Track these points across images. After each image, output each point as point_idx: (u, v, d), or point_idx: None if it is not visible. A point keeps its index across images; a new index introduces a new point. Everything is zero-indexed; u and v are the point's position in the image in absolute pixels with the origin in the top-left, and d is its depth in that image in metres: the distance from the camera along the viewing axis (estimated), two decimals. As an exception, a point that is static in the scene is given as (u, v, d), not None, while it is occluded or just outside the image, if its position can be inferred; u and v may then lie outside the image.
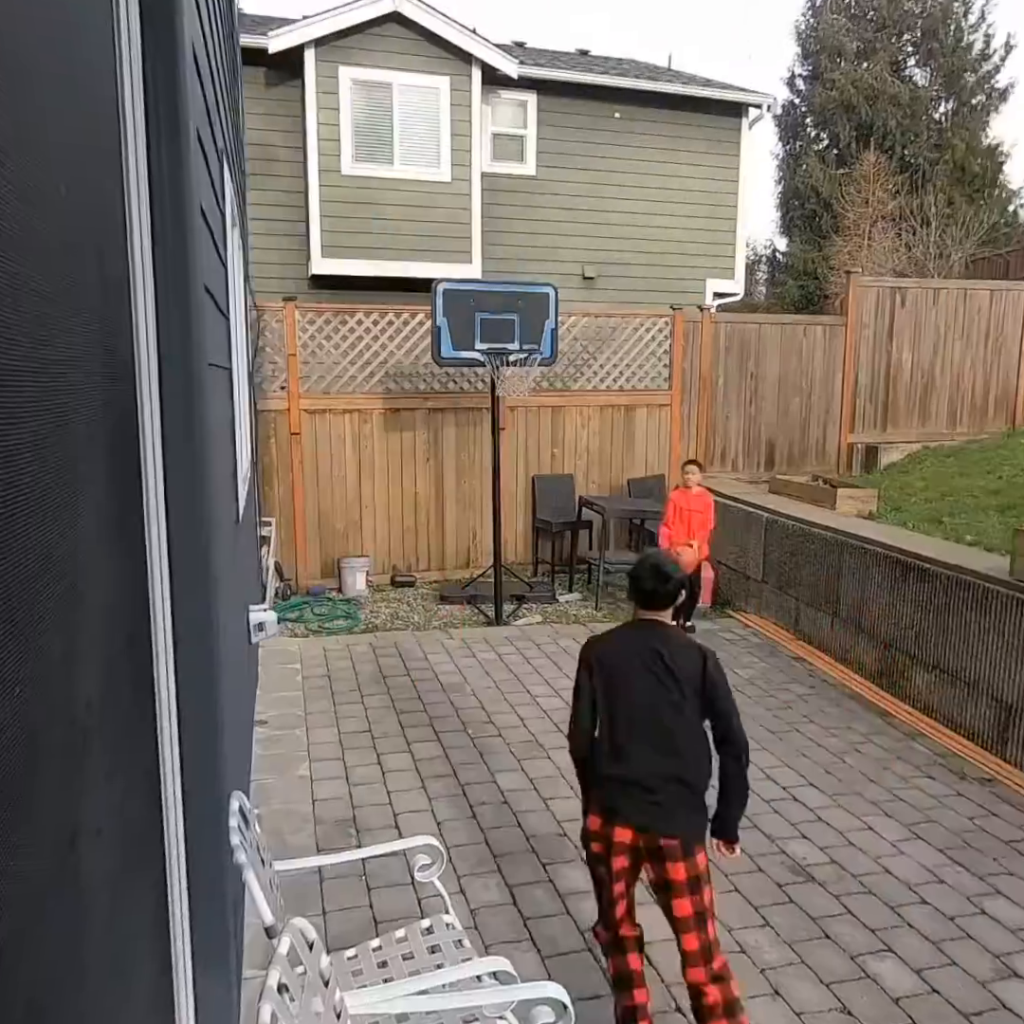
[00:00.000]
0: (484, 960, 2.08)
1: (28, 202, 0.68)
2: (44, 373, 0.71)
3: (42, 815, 0.64)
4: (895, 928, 3.36)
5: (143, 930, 1.03)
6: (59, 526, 0.74)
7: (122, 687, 0.99)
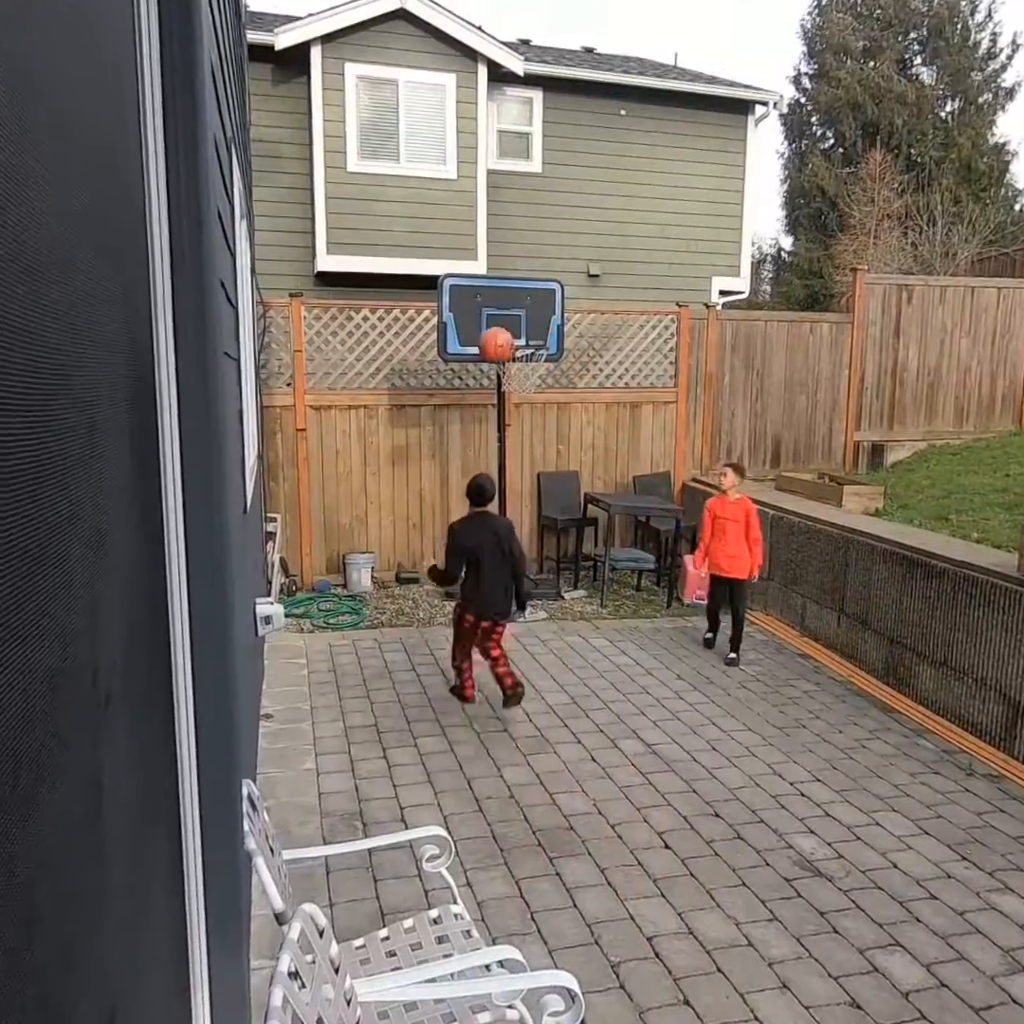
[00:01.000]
0: (493, 949, 2.08)
1: (55, 190, 0.68)
2: (70, 363, 0.71)
3: (68, 777, 0.64)
4: (903, 923, 3.35)
5: (159, 900, 1.02)
6: (83, 505, 0.74)
7: (141, 660, 0.99)
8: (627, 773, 4.53)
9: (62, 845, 0.62)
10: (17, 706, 0.54)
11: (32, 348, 0.60)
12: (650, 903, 3.42)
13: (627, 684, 5.83)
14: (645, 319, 9.01)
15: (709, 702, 5.57)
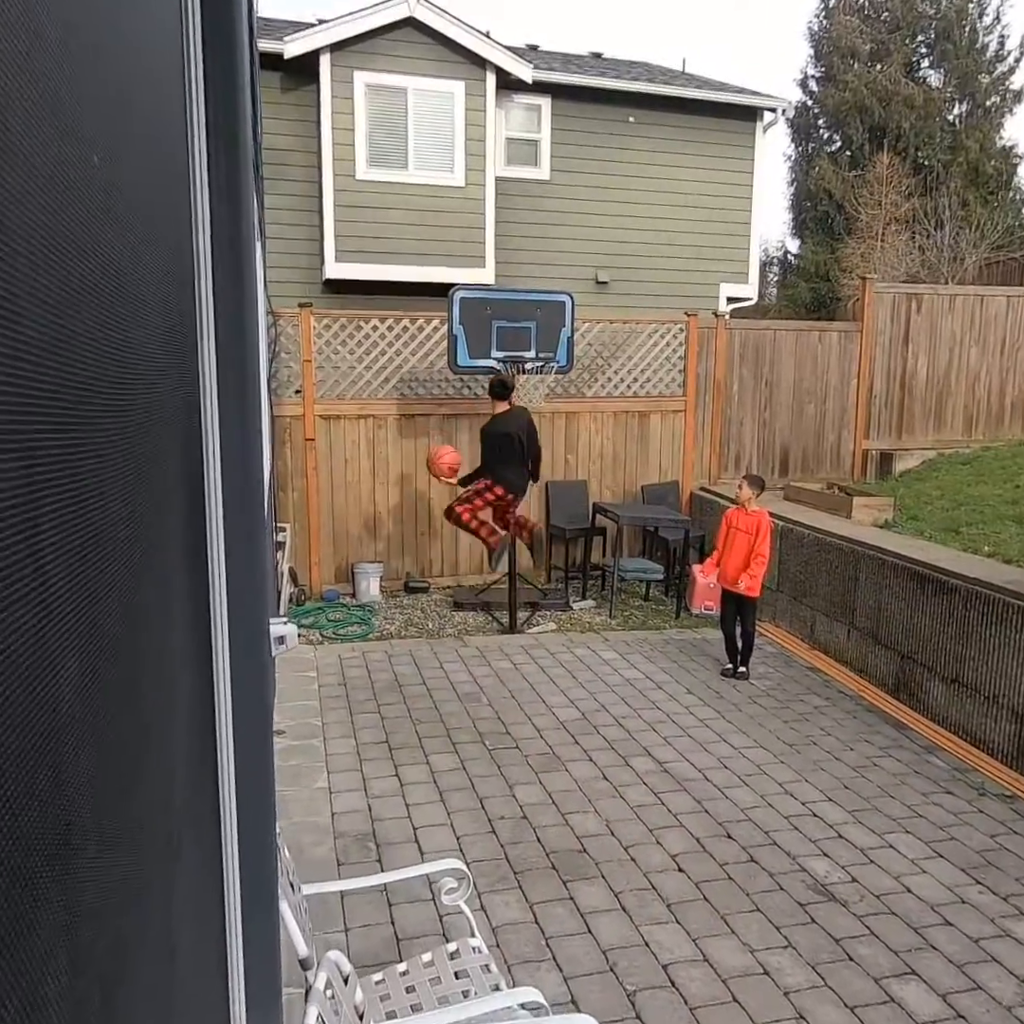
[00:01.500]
0: (514, 991, 2.08)
1: (119, 209, 0.69)
2: (131, 379, 0.72)
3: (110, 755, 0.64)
4: (918, 950, 3.34)
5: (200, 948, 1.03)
6: (142, 510, 0.76)
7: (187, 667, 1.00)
8: (639, 792, 4.53)
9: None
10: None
11: (94, 371, 0.61)
12: (665, 929, 3.42)
13: (637, 699, 5.83)
14: (654, 328, 9.00)
15: (720, 717, 5.56)
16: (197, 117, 1.31)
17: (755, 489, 6.21)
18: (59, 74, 0.54)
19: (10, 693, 0.41)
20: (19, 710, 0.42)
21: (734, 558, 6.20)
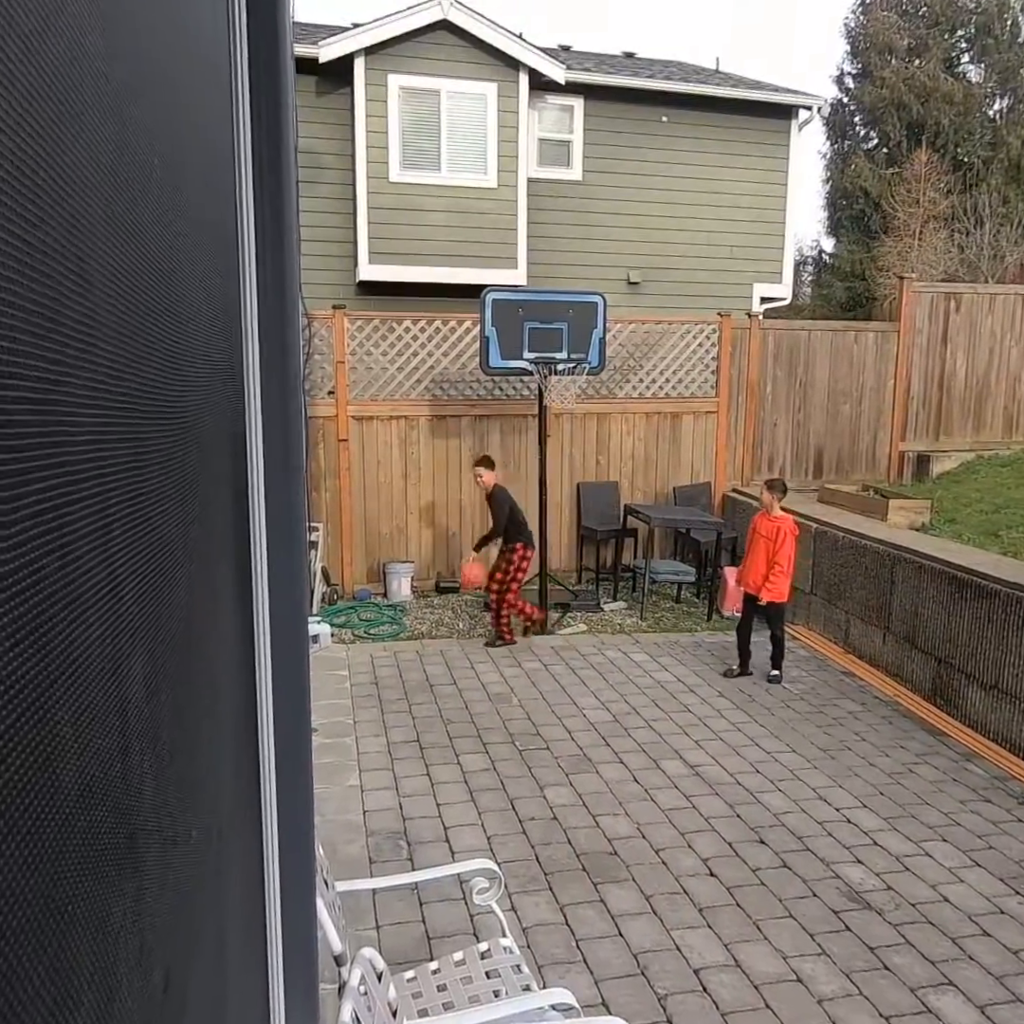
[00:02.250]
0: (547, 992, 2.08)
1: (178, 235, 0.71)
2: (188, 387, 0.75)
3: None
4: (956, 960, 3.29)
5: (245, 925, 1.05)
6: (194, 513, 0.78)
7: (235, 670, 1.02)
8: (670, 795, 4.51)
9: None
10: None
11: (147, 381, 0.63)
12: (696, 933, 3.40)
13: (668, 701, 5.80)
14: (686, 328, 8.95)
15: (752, 721, 5.52)
16: (243, 138, 1.33)
17: (776, 494, 6.06)
18: (128, 93, 0.57)
19: (87, 693, 0.43)
20: (93, 710, 0.44)
21: (755, 563, 6.12)
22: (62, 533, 0.42)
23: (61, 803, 0.40)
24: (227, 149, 1.28)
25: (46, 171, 0.43)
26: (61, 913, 0.40)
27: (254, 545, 1.36)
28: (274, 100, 1.59)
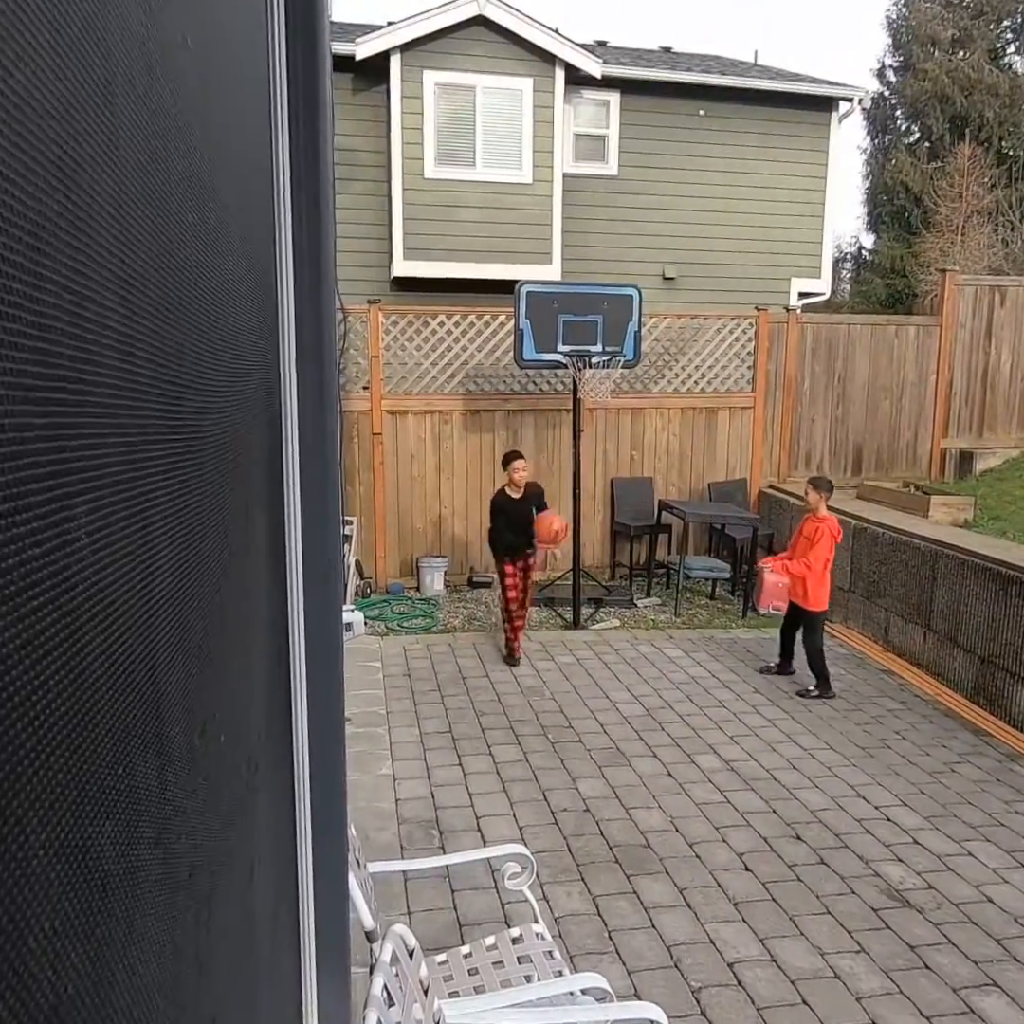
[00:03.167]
0: (579, 976, 2.05)
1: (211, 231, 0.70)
2: (232, 378, 0.74)
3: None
4: (1001, 961, 3.20)
5: (280, 916, 1.04)
6: (238, 495, 0.77)
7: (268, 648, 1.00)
8: (705, 790, 4.45)
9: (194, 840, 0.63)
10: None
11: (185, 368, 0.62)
12: (731, 927, 3.35)
13: (702, 696, 5.73)
14: (722, 323, 8.85)
15: (788, 718, 5.43)
16: (281, 128, 1.32)
17: (823, 492, 5.70)
18: (175, 105, 0.57)
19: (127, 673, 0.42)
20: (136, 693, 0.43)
21: (782, 560, 5.91)
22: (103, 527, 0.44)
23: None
24: (264, 147, 1.28)
25: (89, 187, 0.45)
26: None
27: (288, 533, 1.35)
28: (312, 100, 1.59)
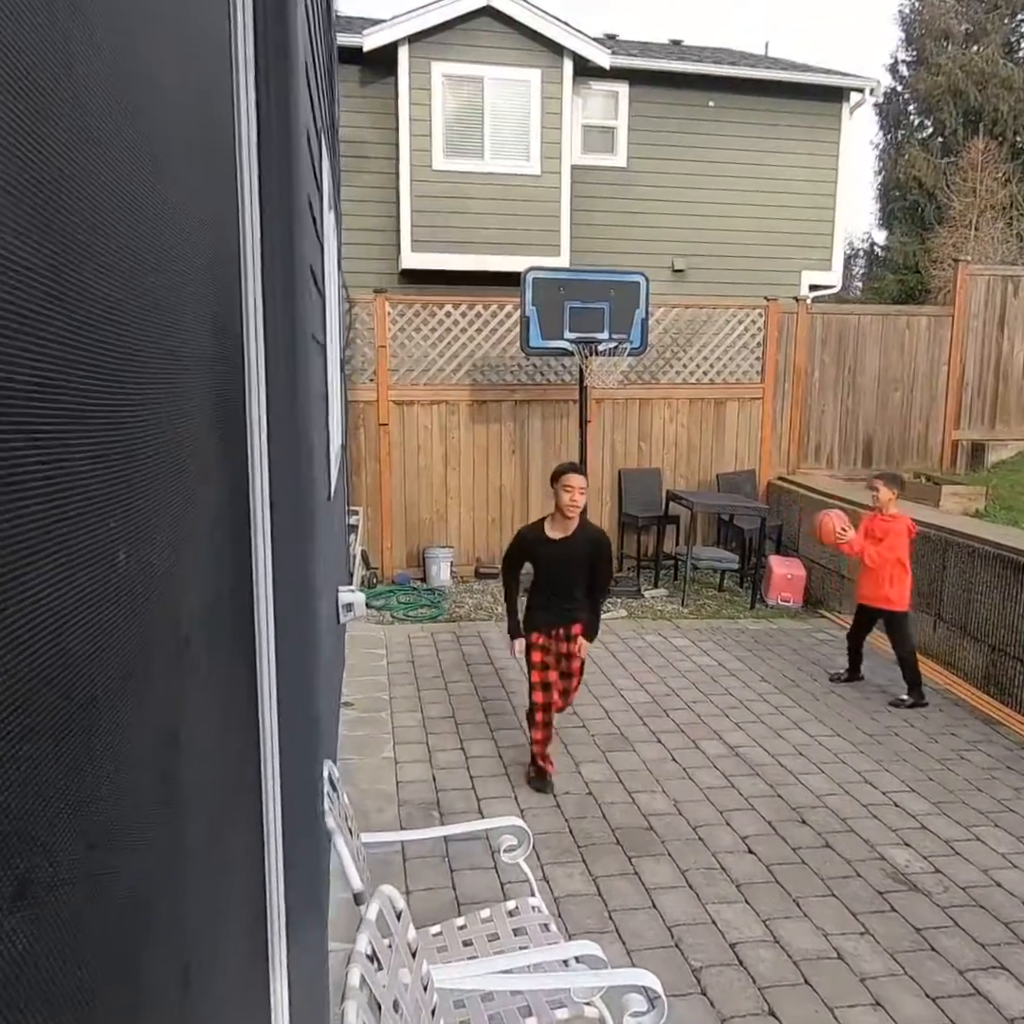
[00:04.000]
0: (573, 943, 2.02)
1: (152, 173, 0.66)
2: (158, 335, 0.70)
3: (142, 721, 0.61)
4: (1008, 945, 3.14)
5: (238, 859, 1.00)
6: (181, 466, 0.72)
7: (225, 617, 0.97)
8: (709, 775, 4.40)
9: (138, 787, 0.59)
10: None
11: (124, 325, 0.59)
12: (733, 908, 3.30)
13: (709, 684, 5.68)
14: (731, 313, 8.79)
15: (796, 706, 5.37)
16: (246, 79, 1.29)
17: (894, 488, 5.35)
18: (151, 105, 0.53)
19: None
20: None
21: (869, 572, 5.40)
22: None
23: None
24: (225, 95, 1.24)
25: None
26: None
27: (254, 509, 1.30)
28: (282, 54, 1.55)
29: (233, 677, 1.03)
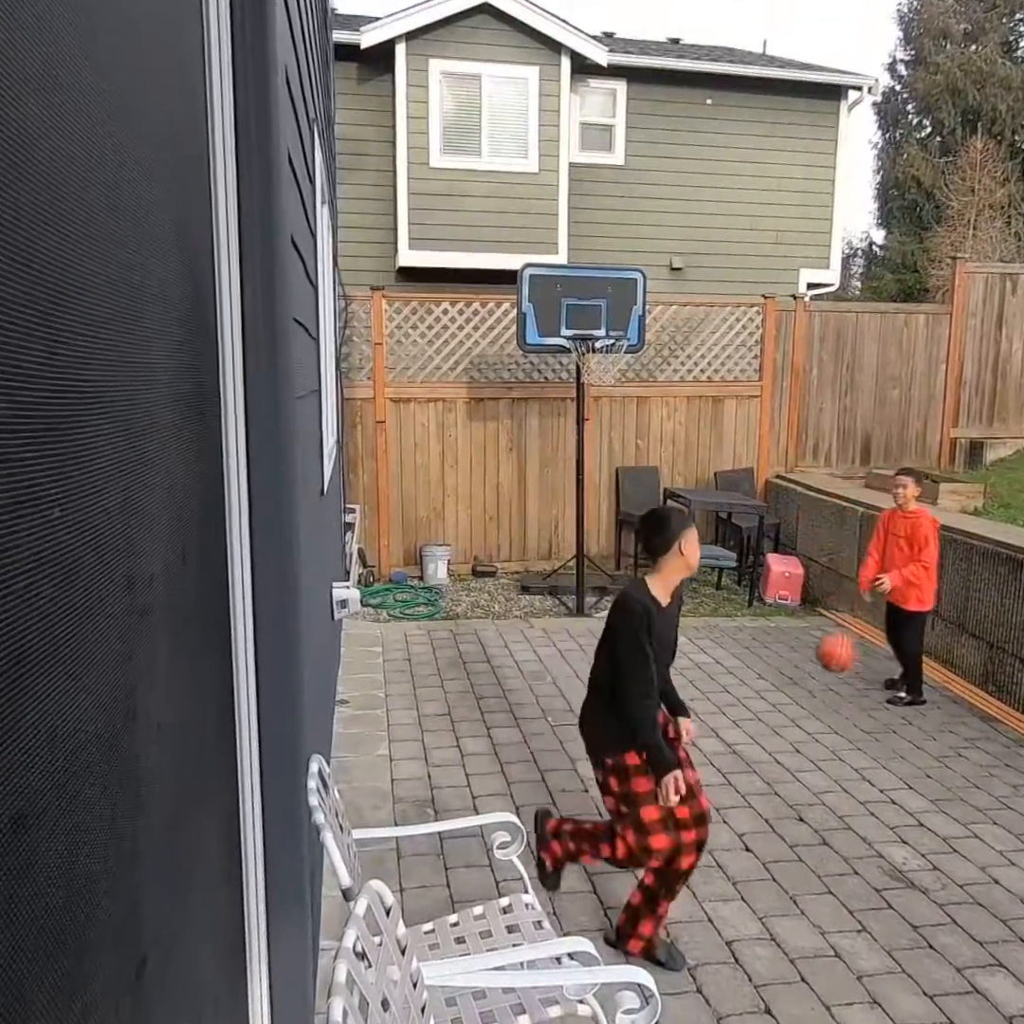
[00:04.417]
0: (565, 940, 1.99)
1: (126, 151, 0.63)
2: (134, 322, 0.67)
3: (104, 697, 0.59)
4: (1006, 942, 3.12)
5: (209, 846, 0.98)
6: (149, 458, 0.69)
7: (201, 603, 0.94)
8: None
9: (89, 761, 0.57)
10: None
11: (93, 305, 0.56)
12: (729, 906, 3.28)
13: (706, 682, 5.65)
14: (729, 311, 8.77)
15: (793, 703, 5.35)
16: (220, 34, 1.26)
17: (919, 486, 5.32)
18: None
19: None
20: None
21: (895, 569, 5.29)
22: None
23: None
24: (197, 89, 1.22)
25: None
26: None
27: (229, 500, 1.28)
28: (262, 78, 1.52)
29: (206, 659, 1.00)
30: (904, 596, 5.31)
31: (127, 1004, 0.62)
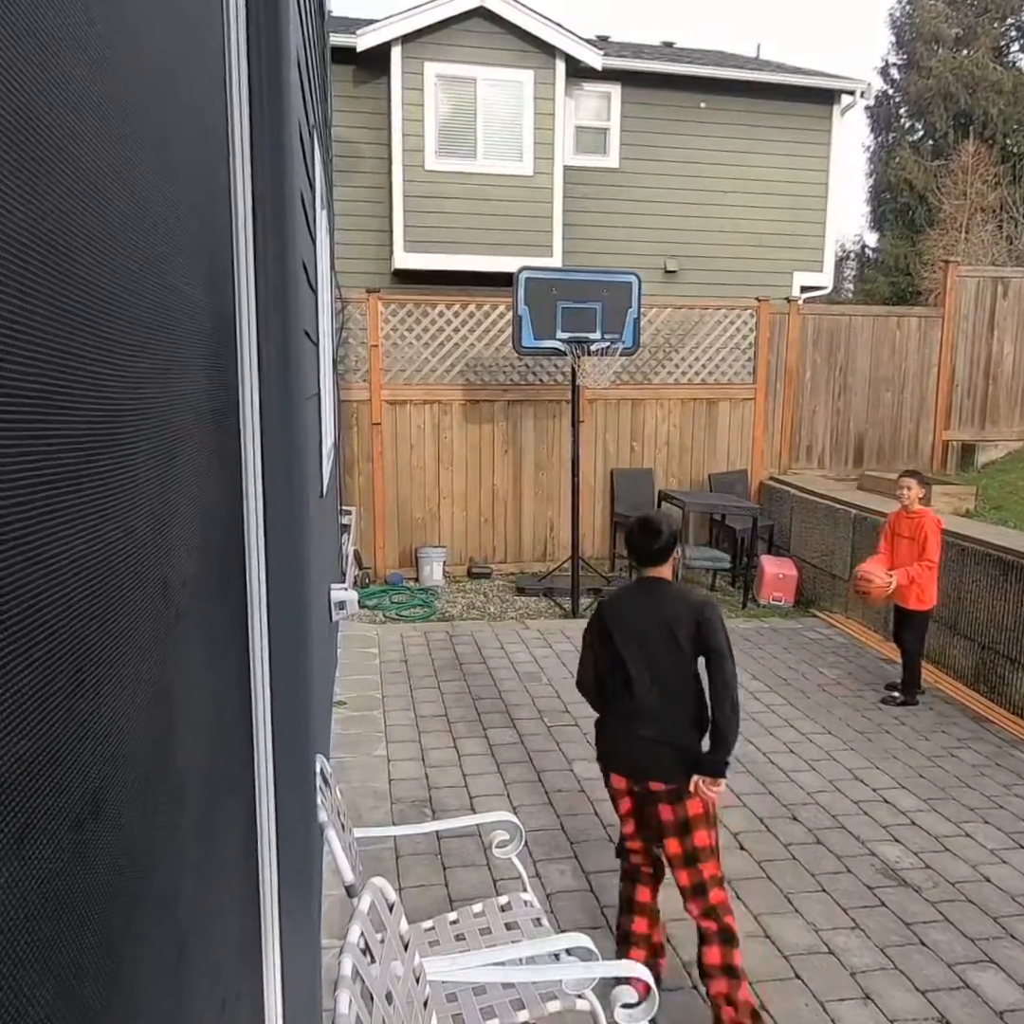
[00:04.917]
0: (564, 936, 2.02)
1: (150, 170, 0.67)
2: (156, 324, 0.70)
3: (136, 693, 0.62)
4: (997, 939, 3.16)
5: (232, 844, 1.01)
6: (173, 456, 0.73)
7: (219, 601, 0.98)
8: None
9: (129, 757, 0.60)
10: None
11: (117, 313, 0.59)
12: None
13: (701, 683, 5.69)
14: (723, 314, 8.82)
15: (787, 704, 5.40)
16: (239, 80, 1.30)
17: (923, 487, 5.39)
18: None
19: None
20: None
21: (900, 568, 5.32)
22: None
23: None
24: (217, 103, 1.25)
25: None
26: None
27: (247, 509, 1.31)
28: (275, 52, 1.56)
29: (228, 660, 1.03)
30: (905, 595, 5.37)
31: (171, 986, 0.65)
